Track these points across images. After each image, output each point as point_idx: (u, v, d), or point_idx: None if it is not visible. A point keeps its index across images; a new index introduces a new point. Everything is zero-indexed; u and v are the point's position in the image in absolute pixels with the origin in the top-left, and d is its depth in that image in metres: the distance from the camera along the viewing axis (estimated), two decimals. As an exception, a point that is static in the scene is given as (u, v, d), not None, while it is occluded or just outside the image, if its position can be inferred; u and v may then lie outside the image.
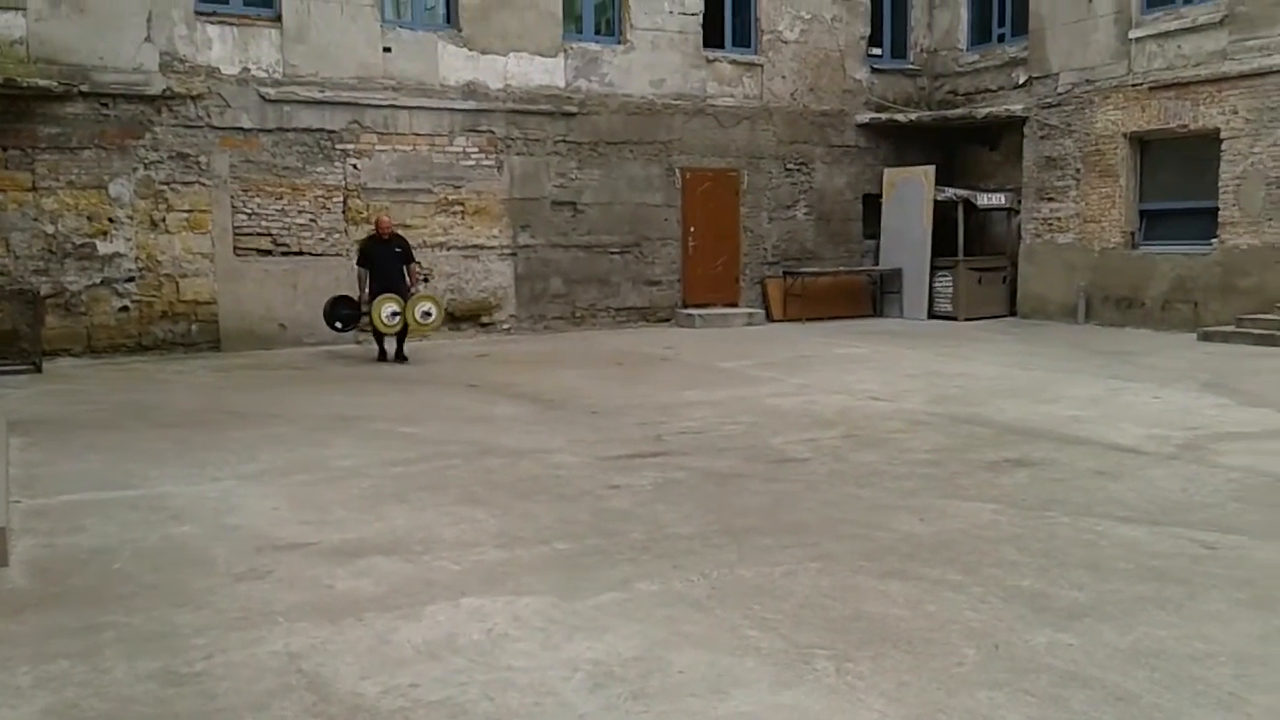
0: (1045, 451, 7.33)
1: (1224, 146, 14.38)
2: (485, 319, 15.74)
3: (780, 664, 3.79)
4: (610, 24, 16.73)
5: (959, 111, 18.28)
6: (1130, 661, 3.76)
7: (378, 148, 14.81)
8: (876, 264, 18.55)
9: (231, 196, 13.97)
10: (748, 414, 9.00)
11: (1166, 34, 15.04)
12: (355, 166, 14.70)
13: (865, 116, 18.37)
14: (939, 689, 3.56)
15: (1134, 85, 15.46)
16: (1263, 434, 7.83)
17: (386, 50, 14.79)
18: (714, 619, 4.25)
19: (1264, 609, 4.26)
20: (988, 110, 17.72)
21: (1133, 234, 15.84)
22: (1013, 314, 17.50)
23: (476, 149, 15.50)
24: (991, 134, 18.31)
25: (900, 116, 18.43)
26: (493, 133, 15.57)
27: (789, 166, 17.96)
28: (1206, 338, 13.71)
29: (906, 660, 3.80)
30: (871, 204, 18.59)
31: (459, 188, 15.40)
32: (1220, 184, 14.46)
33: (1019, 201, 17.51)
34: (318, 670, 3.79)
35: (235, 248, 14.04)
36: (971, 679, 3.63)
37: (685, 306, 17.11)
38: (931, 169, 17.74)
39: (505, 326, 15.85)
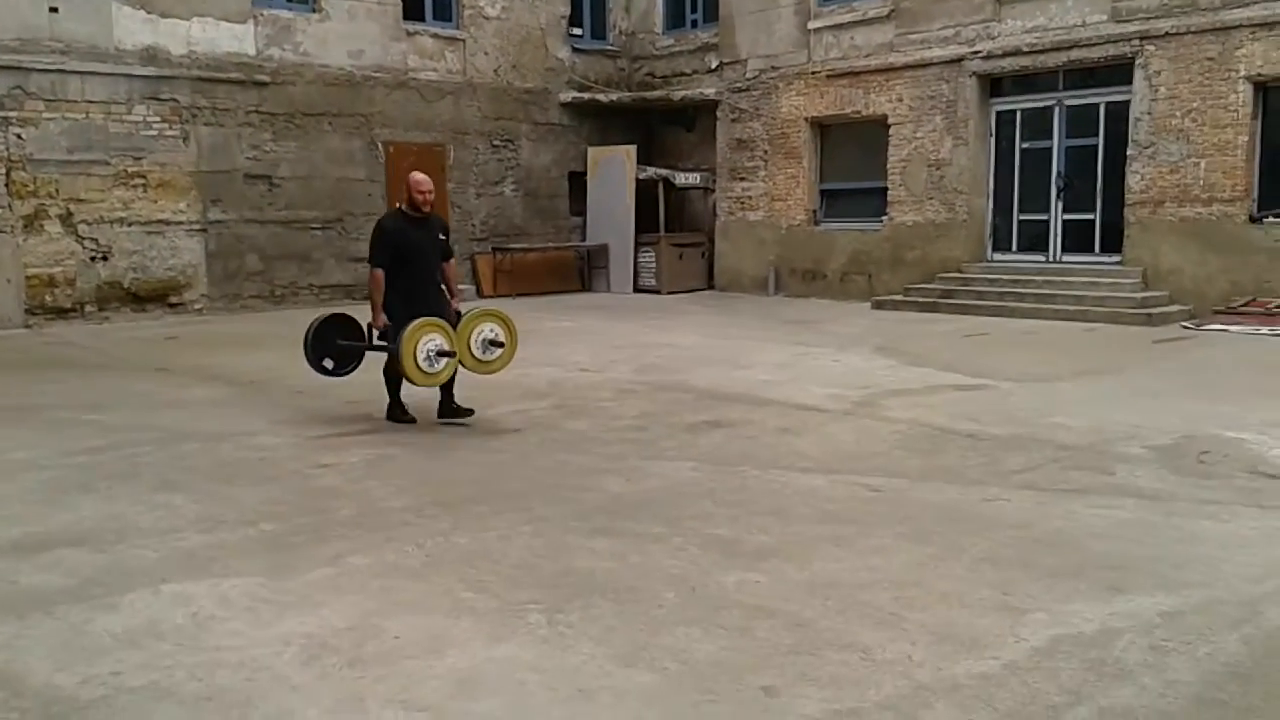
0: (739, 413, 7.86)
1: (891, 132, 15.77)
2: (174, 299, 14.85)
3: (494, 621, 3.92)
4: (305, -9, 16.14)
5: (657, 93, 19.00)
6: (808, 593, 4.17)
7: (45, 115, 13.60)
8: (584, 240, 19.00)
9: None
10: (458, 388, 9.03)
11: (841, 26, 16.28)
12: (19, 136, 13.42)
13: (568, 95, 18.73)
14: (642, 630, 3.81)
15: (814, 73, 16.64)
16: (924, 390, 8.75)
17: (53, 10, 13.57)
18: (429, 585, 4.32)
19: (919, 541, 4.82)
20: (683, 93, 18.52)
21: (815, 212, 17.09)
22: (711, 287, 18.44)
23: (159, 118, 14.54)
24: (688, 116, 19.16)
25: (602, 96, 18.93)
26: (176, 101, 14.65)
27: (495, 143, 18.04)
28: (879, 306, 15.06)
29: (612, 608, 4.03)
30: (577, 181, 19.01)
31: (140, 159, 14.40)
32: (889, 166, 15.86)
33: (714, 181, 18.45)
34: (6, 666, 3.56)
35: (-125, 223, 12.51)
36: (671, 619, 3.92)
37: (393, 284, 16.81)
38: (633, 148, 18.35)
39: (197, 307, 15.03)
